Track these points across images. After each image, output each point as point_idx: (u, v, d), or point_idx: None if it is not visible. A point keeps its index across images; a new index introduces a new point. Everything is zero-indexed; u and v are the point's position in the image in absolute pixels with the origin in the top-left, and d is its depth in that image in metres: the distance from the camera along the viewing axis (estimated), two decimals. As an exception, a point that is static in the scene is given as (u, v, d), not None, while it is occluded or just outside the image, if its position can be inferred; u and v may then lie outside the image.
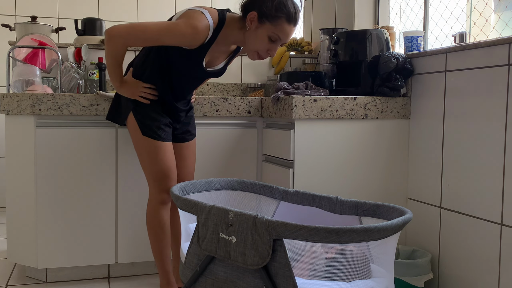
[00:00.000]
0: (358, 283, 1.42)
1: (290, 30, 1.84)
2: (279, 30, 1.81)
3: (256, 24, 1.82)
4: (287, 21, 1.81)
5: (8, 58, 2.66)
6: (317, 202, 1.80)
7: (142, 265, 2.53)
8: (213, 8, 1.89)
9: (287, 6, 1.80)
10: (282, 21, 1.80)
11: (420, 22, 2.59)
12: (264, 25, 1.81)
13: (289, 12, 1.80)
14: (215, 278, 1.54)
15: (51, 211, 2.32)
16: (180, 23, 1.79)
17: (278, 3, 1.78)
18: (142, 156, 2.03)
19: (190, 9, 1.86)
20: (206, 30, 1.81)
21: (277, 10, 1.78)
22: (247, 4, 1.85)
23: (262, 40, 1.83)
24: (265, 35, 1.82)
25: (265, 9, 1.79)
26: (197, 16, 1.80)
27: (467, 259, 2.08)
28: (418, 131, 2.36)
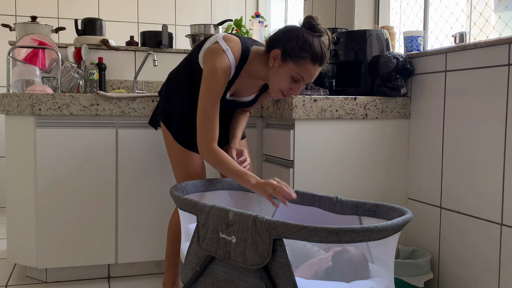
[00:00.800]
0: (358, 283, 1.42)
1: (315, 71, 1.73)
2: (302, 71, 1.71)
3: (279, 63, 1.73)
4: (312, 61, 1.70)
5: (8, 58, 2.66)
6: (317, 202, 1.80)
7: (142, 265, 2.53)
8: (237, 42, 1.81)
9: (313, 46, 1.69)
10: (306, 61, 1.70)
11: (420, 22, 2.59)
12: (287, 64, 1.72)
13: (315, 52, 1.69)
14: (215, 278, 1.53)
15: (51, 211, 2.32)
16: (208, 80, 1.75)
17: (303, 42, 1.68)
18: (172, 159, 2.03)
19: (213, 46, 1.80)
20: (228, 71, 1.76)
21: (301, 50, 1.68)
22: (272, 41, 1.77)
23: (284, 80, 1.74)
24: (288, 75, 1.73)
25: (289, 48, 1.69)
26: (218, 58, 1.75)
27: (467, 259, 2.08)
28: (418, 131, 2.36)
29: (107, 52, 3.07)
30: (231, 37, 1.83)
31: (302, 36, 1.69)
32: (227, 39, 1.82)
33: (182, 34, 4.14)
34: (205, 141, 1.76)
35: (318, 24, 1.72)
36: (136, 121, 2.40)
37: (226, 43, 1.80)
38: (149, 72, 3.14)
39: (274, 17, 4.44)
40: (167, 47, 3.13)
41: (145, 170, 2.42)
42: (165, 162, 2.44)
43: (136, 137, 2.40)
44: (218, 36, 1.84)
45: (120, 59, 3.11)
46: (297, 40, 1.69)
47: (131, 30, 4.22)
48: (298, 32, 1.71)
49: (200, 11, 4.49)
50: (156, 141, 2.43)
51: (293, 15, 3.99)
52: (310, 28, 1.71)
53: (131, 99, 2.36)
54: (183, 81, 1.96)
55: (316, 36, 1.71)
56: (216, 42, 1.81)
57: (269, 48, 1.77)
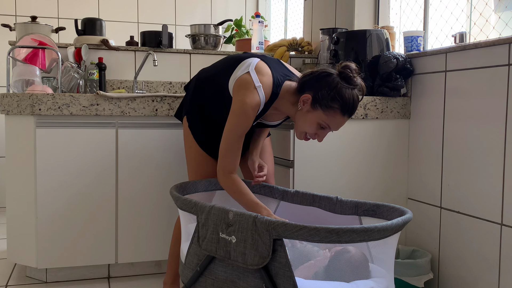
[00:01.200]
0: (358, 283, 1.42)
1: (343, 122, 1.71)
2: (330, 120, 1.69)
3: (308, 108, 1.70)
4: (341, 113, 1.67)
5: (8, 58, 2.66)
6: (317, 202, 1.80)
7: (142, 265, 2.53)
8: (269, 77, 1.75)
9: (344, 97, 1.65)
10: (335, 112, 1.67)
11: (420, 22, 2.59)
12: (316, 111, 1.68)
13: (345, 104, 1.66)
14: (215, 278, 1.53)
15: (51, 211, 2.32)
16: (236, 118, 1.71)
17: (335, 93, 1.65)
18: (188, 157, 2.02)
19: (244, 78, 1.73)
20: (257, 108, 1.72)
21: (332, 100, 1.65)
22: (305, 83, 1.73)
23: (311, 125, 1.71)
24: (315, 121, 1.70)
25: (320, 95, 1.66)
26: (249, 95, 1.70)
27: (467, 259, 2.08)
28: (418, 131, 2.36)
29: (107, 52, 3.07)
30: (264, 69, 1.76)
31: (336, 87, 1.66)
32: (259, 71, 1.74)
33: (182, 34, 4.14)
34: (223, 169, 1.75)
35: (354, 76, 1.67)
36: (136, 121, 2.40)
37: (258, 76, 1.73)
38: (149, 72, 3.14)
39: (274, 17, 4.44)
40: (167, 47, 3.13)
41: (145, 170, 2.42)
42: (165, 162, 2.44)
43: (136, 137, 2.40)
44: (250, 65, 1.76)
45: (120, 59, 3.11)
46: (330, 90, 1.65)
47: (131, 30, 4.22)
48: (332, 81, 1.67)
49: (200, 11, 4.49)
50: (156, 141, 2.43)
51: (293, 15, 3.99)
52: (346, 79, 1.67)
53: (131, 99, 2.36)
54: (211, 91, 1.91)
55: (350, 88, 1.67)
56: (247, 72, 1.74)
57: (301, 90, 1.73)
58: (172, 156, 2.44)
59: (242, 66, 1.78)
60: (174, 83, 3.18)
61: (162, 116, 2.41)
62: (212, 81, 1.91)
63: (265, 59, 1.81)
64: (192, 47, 3.31)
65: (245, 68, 1.77)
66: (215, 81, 1.89)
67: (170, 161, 2.44)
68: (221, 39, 3.34)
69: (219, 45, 3.34)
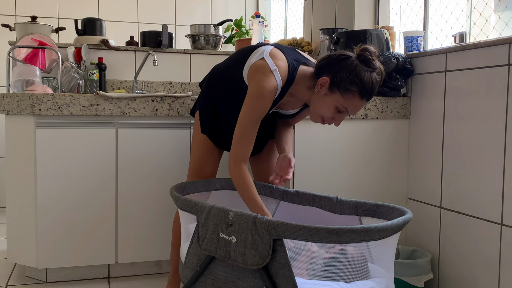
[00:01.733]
0: (358, 284, 1.42)
1: (361, 105, 1.68)
2: (348, 104, 1.65)
3: (326, 91, 1.66)
4: (360, 96, 1.64)
5: (8, 58, 2.66)
6: (317, 202, 1.80)
7: (142, 265, 2.53)
8: (284, 61, 1.72)
9: (363, 80, 1.62)
10: (354, 95, 1.64)
11: (420, 22, 2.59)
12: (334, 95, 1.65)
13: (364, 87, 1.63)
14: (215, 278, 1.54)
15: (51, 211, 2.32)
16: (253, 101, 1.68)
17: (354, 76, 1.62)
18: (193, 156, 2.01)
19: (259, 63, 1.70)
20: (274, 92, 1.68)
21: (351, 83, 1.62)
22: (322, 66, 1.69)
23: (328, 108, 1.68)
24: (333, 105, 1.67)
25: (339, 78, 1.63)
26: (266, 79, 1.66)
27: (467, 259, 2.08)
28: (418, 131, 2.36)
29: (107, 52, 3.07)
30: (278, 54, 1.74)
31: (355, 69, 1.62)
32: (274, 56, 1.72)
33: (182, 34, 4.14)
34: (235, 157, 1.71)
35: (373, 59, 1.64)
36: (136, 121, 2.40)
37: (273, 60, 1.70)
38: (149, 72, 3.14)
39: (274, 17, 4.44)
40: (167, 47, 3.13)
41: (145, 170, 2.42)
42: (165, 162, 2.44)
43: (136, 137, 2.40)
44: (264, 51, 1.74)
45: (120, 59, 3.11)
46: (349, 73, 1.62)
47: (131, 30, 4.22)
48: (351, 64, 1.64)
49: (200, 11, 4.49)
50: (156, 141, 2.43)
51: (293, 15, 3.99)
52: (365, 62, 1.64)
53: (131, 99, 2.36)
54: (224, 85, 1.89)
55: (369, 71, 1.64)
56: (262, 58, 1.71)
57: (318, 73, 1.70)
58: (172, 156, 2.44)
59: (256, 54, 1.75)
60: (174, 83, 3.18)
61: (162, 116, 2.41)
62: (226, 74, 1.89)
63: (278, 46, 1.79)
64: (192, 47, 3.31)
65: (259, 55, 1.74)
66: (229, 74, 1.86)
67: (170, 161, 2.44)
68: (221, 39, 3.34)
69: (219, 45, 3.34)
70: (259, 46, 1.80)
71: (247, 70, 1.75)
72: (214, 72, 1.98)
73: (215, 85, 1.94)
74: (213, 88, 1.94)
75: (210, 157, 2.00)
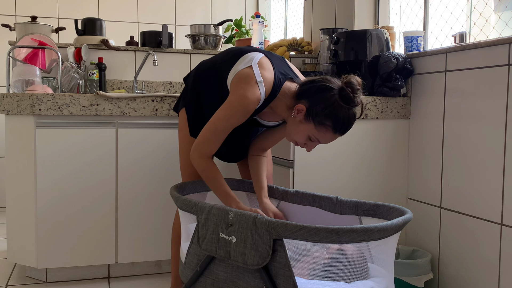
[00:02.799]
0: (358, 284, 1.42)
1: (333, 138, 1.67)
2: (320, 136, 1.65)
3: (301, 118, 1.65)
4: (333, 131, 1.63)
5: (8, 58, 2.66)
6: (317, 202, 1.79)
7: (142, 265, 2.53)
8: (271, 73, 1.69)
9: (338, 117, 1.60)
10: (327, 129, 1.62)
11: (420, 22, 2.59)
12: (308, 124, 1.64)
13: (338, 123, 1.61)
14: (215, 278, 1.53)
15: (51, 211, 2.32)
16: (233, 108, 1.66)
17: (330, 111, 1.59)
18: (182, 155, 1.97)
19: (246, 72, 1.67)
20: (256, 104, 1.66)
21: (326, 117, 1.60)
22: (303, 92, 1.67)
23: (301, 135, 1.67)
24: (306, 133, 1.66)
25: (315, 110, 1.61)
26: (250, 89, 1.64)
27: (467, 259, 2.08)
28: (418, 131, 2.36)
29: (107, 52, 3.07)
30: (266, 65, 1.71)
31: (332, 105, 1.59)
32: (262, 65, 1.69)
33: (182, 34, 4.14)
34: (201, 151, 1.71)
35: (355, 96, 1.60)
36: (136, 121, 2.40)
37: (260, 71, 1.67)
38: (149, 72, 3.14)
39: (274, 17, 4.44)
40: (167, 47, 3.13)
41: (145, 170, 2.42)
42: (165, 162, 2.44)
43: (136, 137, 2.40)
44: (253, 59, 1.71)
45: (120, 59, 3.11)
46: (325, 107, 1.59)
47: (131, 30, 4.22)
48: (330, 98, 1.60)
49: (200, 11, 4.49)
50: (156, 141, 2.43)
51: (293, 15, 3.99)
52: (344, 98, 1.60)
53: (131, 99, 2.36)
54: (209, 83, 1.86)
55: (347, 108, 1.60)
56: (249, 66, 1.69)
57: (298, 96, 1.68)
58: (172, 156, 2.44)
59: (244, 60, 1.73)
60: (174, 83, 3.18)
61: (162, 116, 2.41)
62: (211, 73, 1.86)
63: (269, 55, 1.76)
64: (192, 47, 3.31)
65: (247, 61, 1.71)
66: (214, 73, 1.84)
67: (170, 161, 2.44)
68: (221, 39, 3.34)
69: (219, 45, 3.34)
70: (250, 51, 1.77)
71: (232, 76, 1.72)
72: (200, 68, 1.94)
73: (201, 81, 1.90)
74: (199, 84, 1.90)
75: None
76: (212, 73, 1.86)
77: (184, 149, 1.95)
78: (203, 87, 1.89)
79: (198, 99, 1.90)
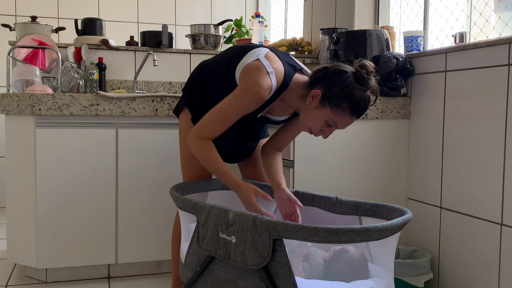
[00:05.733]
0: (358, 283, 1.42)
1: (350, 121, 1.66)
2: (338, 119, 1.64)
3: (317, 104, 1.64)
4: (350, 112, 1.62)
5: (8, 58, 2.66)
6: (317, 202, 1.79)
7: (142, 265, 2.53)
8: (280, 65, 1.69)
9: (354, 98, 1.60)
10: (344, 111, 1.62)
11: (420, 22, 2.59)
12: (325, 108, 1.63)
13: (355, 105, 1.61)
14: (215, 278, 1.54)
15: (51, 211, 2.32)
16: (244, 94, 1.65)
17: (346, 92, 1.59)
18: (183, 156, 1.97)
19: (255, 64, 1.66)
20: (268, 93, 1.65)
21: (342, 99, 1.60)
22: (316, 79, 1.67)
23: (318, 121, 1.66)
24: (322, 118, 1.64)
25: (331, 93, 1.61)
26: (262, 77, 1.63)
27: (467, 259, 2.08)
28: (418, 131, 2.36)
29: (107, 52, 3.07)
30: (274, 57, 1.71)
31: (348, 86, 1.60)
32: (270, 58, 1.69)
33: (182, 34, 4.14)
34: (200, 133, 1.69)
35: (369, 78, 1.62)
36: (136, 121, 2.40)
37: (269, 62, 1.67)
38: (149, 72, 3.14)
39: (274, 17, 4.44)
40: (167, 47, 3.13)
41: (145, 170, 2.42)
42: (165, 162, 2.44)
43: (136, 137, 2.40)
44: (260, 53, 1.70)
45: (120, 59, 3.11)
46: (342, 89, 1.60)
47: (131, 30, 4.22)
48: (345, 80, 1.61)
49: (200, 11, 4.49)
50: (156, 141, 2.43)
51: (293, 15, 3.99)
52: (359, 80, 1.61)
53: (131, 99, 2.36)
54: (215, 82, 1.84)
55: (362, 89, 1.61)
56: (257, 59, 1.68)
57: (312, 84, 1.68)
58: (172, 156, 2.44)
59: (251, 55, 1.72)
60: (174, 83, 3.18)
61: (162, 116, 2.41)
62: (216, 71, 1.84)
63: (274, 50, 1.76)
64: (192, 47, 3.31)
65: (255, 56, 1.70)
66: (219, 71, 1.82)
67: (170, 161, 2.44)
68: (221, 39, 3.34)
69: (219, 45, 3.34)
70: (254, 47, 1.76)
71: (241, 69, 1.71)
72: (202, 68, 1.92)
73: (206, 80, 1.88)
74: (204, 83, 1.88)
75: None
76: (217, 71, 1.84)
77: (185, 151, 1.95)
78: (209, 86, 1.87)
79: (204, 99, 1.88)
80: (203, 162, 1.72)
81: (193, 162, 1.93)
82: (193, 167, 1.94)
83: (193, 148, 1.71)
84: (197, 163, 1.91)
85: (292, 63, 1.76)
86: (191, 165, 1.94)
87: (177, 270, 2.04)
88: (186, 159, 1.95)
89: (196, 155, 1.71)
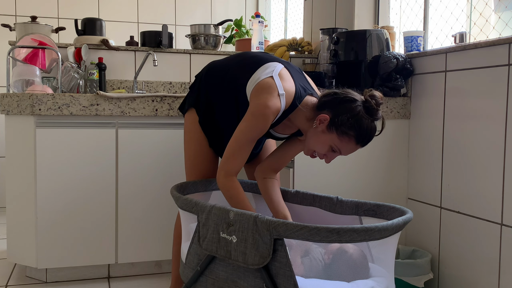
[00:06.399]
0: (358, 283, 1.43)
1: (355, 149, 1.67)
2: (343, 146, 1.65)
3: (323, 128, 1.64)
4: (356, 141, 1.63)
5: (8, 58, 2.66)
6: (317, 202, 1.80)
7: (142, 265, 2.53)
8: (292, 86, 1.70)
9: (362, 127, 1.61)
10: (350, 139, 1.63)
11: (420, 22, 2.59)
12: (331, 134, 1.64)
13: (362, 134, 1.62)
14: (216, 277, 1.54)
15: (51, 211, 2.32)
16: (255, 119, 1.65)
17: (355, 121, 1.60)
18: (188, 156, 1.97)
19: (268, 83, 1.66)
20: (276, 114, 1.66)
21: (350, 127, 1.61)
22: (325, 103, 1.67)
23: (323, 145, 1.67)
24: (328, 143, 1.65)
25: (339, 120, 1.61)
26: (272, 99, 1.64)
27: (467, 259, 2.08)
28: (418, 131, 2.36)
29: (107, 52, 3.07)
30: (287, 76, 1.71)
31: (356, 115, 1.61)
32: (283, 77, 1.69)
33: (182, 34, 4.14)
34: (226, 170, 1.69)
35: (378, 109, 1.63)
36: (136, 121, 2.40)
37: (282, 82, 1.68)
38: (149, 72, 3.14)
39: (274, 17, 4.44)
40: (167, 47, 3.13)
41: (145, 170, 2.42)
42: (165, 162, 2.44)
43: (136, 137, 2.40)
44: (274, 70, 1.70)
45: (120, 59, 3.11)
46: (350, 117, 1.60)
47: (131, 30, 4.22)
48: (354, 108, 1.61)
49: (200, 11, 4.49)
50: (156, 141, 2.43)
51: (293, 15, 3.99)
52: (369, 110, 1.62)
53: (131, 99, 2.36)
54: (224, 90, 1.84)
55: (370, 120, 1.62)
56: (271, 77, 1.68)
57: (320, 107, 1.68)
58: (172, 156, 2.44)
59: (265, 69, 1.71)
60: (174, 83, 3.18)
61: (162, 116, 2.41)
62: (225, 78, 1.83)
63: (288, 67, 1.75)
64: (192, 47, 3.31)
65: (268, 72, 1.70)
66: (228, 80, 1.81)
67: (170, 161, 2.44)
68: (221, 39, 3.34)
69: (219, 45, 3.34)
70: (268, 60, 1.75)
71: (252, 86, 1.70)
72: (213, 70, 1.91)
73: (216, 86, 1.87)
74: (213, 88, 1.88)
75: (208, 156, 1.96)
76: (227, 79, 1.83)
77: (189, 151, 1.95)
78: (217, 94, 1.86)
79: (211, 105, 1.88)
80: (230, 202, 1.71)
81: (197, 163, 1.94)
82: (198, 168, 1.95)
83: (221, 187, 1.71)
84: (201, 163, 1.93)
85: (304, 84, 1.76)
86: (196, 166, 1.95)
87: (177, 270, 2.04)
88: (190, 159, 1.95)
89: (224, 194, 1.71)
